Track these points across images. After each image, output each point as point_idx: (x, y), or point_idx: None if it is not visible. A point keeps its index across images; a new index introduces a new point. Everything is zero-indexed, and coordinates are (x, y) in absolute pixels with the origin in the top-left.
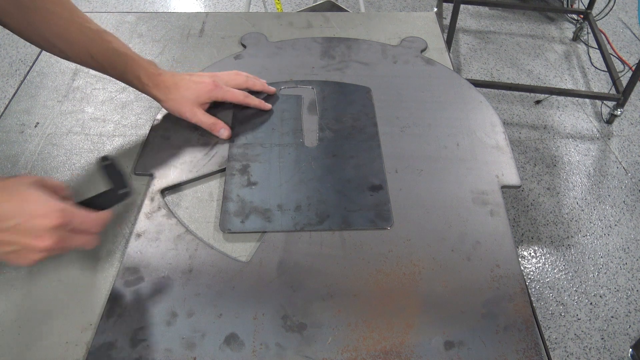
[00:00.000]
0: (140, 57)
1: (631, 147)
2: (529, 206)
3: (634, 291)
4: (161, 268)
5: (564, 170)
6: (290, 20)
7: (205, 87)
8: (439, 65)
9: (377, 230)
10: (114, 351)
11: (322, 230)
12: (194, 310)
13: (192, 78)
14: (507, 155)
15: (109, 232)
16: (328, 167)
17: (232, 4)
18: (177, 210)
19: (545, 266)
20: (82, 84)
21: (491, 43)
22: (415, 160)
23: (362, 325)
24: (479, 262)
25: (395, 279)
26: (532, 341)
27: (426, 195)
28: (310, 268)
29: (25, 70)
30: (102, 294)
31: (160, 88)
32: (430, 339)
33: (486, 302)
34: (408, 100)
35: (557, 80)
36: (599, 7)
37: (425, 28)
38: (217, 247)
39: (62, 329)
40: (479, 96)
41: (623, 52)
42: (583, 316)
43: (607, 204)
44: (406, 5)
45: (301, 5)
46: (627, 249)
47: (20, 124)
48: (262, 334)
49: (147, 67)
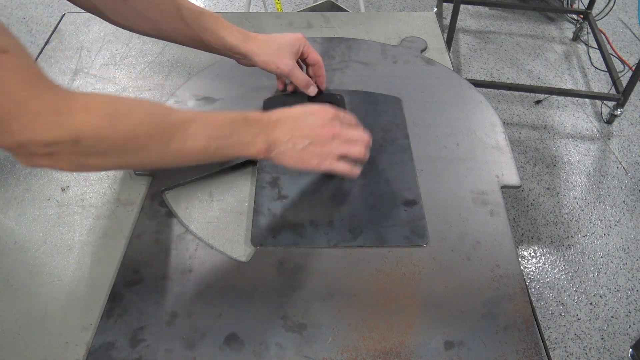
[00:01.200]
0: (223, 19)
1: (631, 147)
2: (529, 206)
3: (634, 291)
4: (161, 268)
5: (564, 170)
6: (290, 20)
7: (297, 40)
8: (439, 65)
9: (412, 248)
10: (114, 351)
11: (356, 247)
12: (194, 310)
13: (282, 35)
14: (507, 155)
15: (109, 232)
16: (359, 180)
17: (232, 4)
18: (177, 210)
19: (545, 266)
20: (82, 84)
21: (491, 43)
22: (415, 160)
23: (362, 325)
24: (479, 262)
25: (395, 279)
26: (532, 341)
27: (426, 195)
28: (310, 268)
29: None
30: (102, 294)
31: (256, 41)
32: (430, 339)
33: (486, 302)
34: (408, 100)
35: (557, 80)
36: (599, 7)
37: (425, 28)
38: (217, 247)
39: (62, 329)
40: (479, 96)
41: (623, 52)
42: (583, 316)
43: (607, 204)
44: (406, 5)
45: (301, 5)
46: (627, 249)
47: None
48: (262, 334)
49: (235, 26)
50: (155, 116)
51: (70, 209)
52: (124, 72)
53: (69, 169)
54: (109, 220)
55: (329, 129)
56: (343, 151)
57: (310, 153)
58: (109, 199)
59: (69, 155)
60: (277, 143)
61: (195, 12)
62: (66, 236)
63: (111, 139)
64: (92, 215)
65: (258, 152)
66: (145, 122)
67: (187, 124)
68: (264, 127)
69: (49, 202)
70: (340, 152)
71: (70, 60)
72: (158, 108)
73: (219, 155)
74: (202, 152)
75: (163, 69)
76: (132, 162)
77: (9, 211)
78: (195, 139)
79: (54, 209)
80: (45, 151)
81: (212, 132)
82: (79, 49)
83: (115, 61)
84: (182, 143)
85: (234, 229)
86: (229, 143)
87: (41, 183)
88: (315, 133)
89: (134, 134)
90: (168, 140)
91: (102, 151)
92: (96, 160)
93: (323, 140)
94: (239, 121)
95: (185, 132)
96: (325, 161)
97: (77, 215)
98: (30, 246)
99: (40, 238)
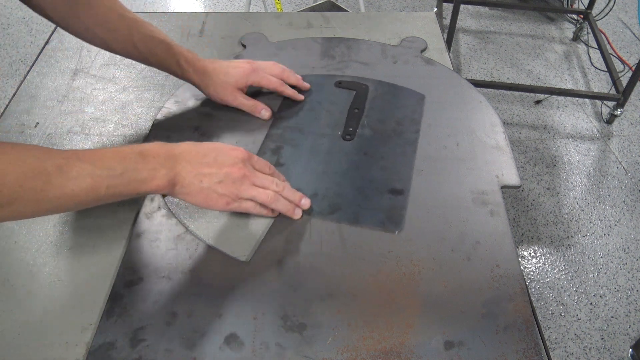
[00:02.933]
0: (179, 45)
1: (631, 147)
2: (529, 206)
3: (634, 291)
4: (161, 268)
5: (564, 170)
6: (290, 20)
7: (244, 72)
8: (439, 65)
9: (382, 232)
10: (114, 351)
11: (330, 221)
12: (194, 310)
13: (230, 64)
14: (507, 155)
15: (109, 232)
16: (356, 163)
17: (232, 4)
18: (177, 210)
19: (545, 266)
20: (82, 84)
21: (491, 43)
22: (415, 160)
23: (362, 325)
24: (479, 262)
25: (395, 279)
26: (532, 341)
27: (426, 195)
28: (310, 268)
29: (25, 70)
30: (102, 294)
31: (200, 73)
32: (430, 339)
33: (486, 302)
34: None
35: (557, 80)
36: (599, 7)
37: (425, 28)
38: (217, 247)
39: (62, 329)
40: (479, 96)
41: (623, 52)
42: (583, 316)
43: (607, 204)
44: (406, 5)
45: (301, 5)
46: (627, 249)
47: (20, 124)
48: (262, 334)
49: (186, 54)
50: (25, 164)
51: None
52: (124, 72)
53: None
54: (109, 220)
55: (239, 168)
56: (252, 194)
57: (217, 193)
58: None
59: None
60: (180, 179)
61: (147, 37)
62: (66, 236)
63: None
64: (92, 215)
65: (157, 187)
66: (10, 171)
67: (68, 166)
68: (164, 161)
69: None
70: (250, 196)
71: (70, 60)
72: (34, 152)
73: (114, 194)
74: (92, 194)
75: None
76: (4, 216)
77: None
78: (79, 181)
79: None
80: None
81: (100, 172)
82: (79, 49)
83: (115, 61)
84: (62, 189)
85: (234, 229)
86: (122, 181)
87: None
88: (224, 171)
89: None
90: (43, 188)
91: None
92: None
93: (232, 179)
94: (132, 156)
95: (65, 176)
96: (234, 202)
97: (77, 215)
98: (30, 246)
99: (40, 238)
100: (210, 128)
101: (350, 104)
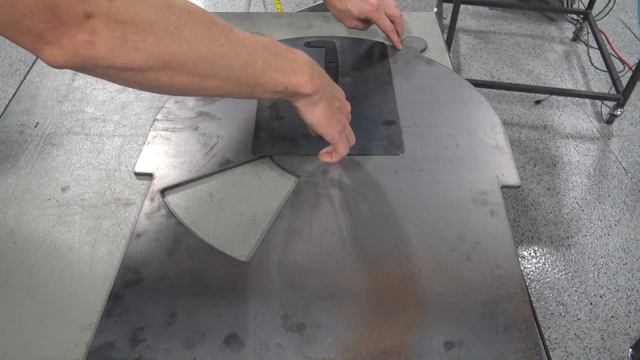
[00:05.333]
0: None
1: (631, 147)
2: (529, 206)
3: (634, 291)
4: (161, 268)
5: (564, 170)
6: (290, 20)
7: (369, 7)
8: (439, 65)
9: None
10: (114, 351)
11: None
12: (194, 310)
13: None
14: (507, 155)
15: (109, 232)
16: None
17: (232, 4)
18: (177, 210)
19: (545, 266)
20: (82, 84)
21: (491, 43)
22: (415, 160)
23: (362, 325)
24: (479, 262)
25: (395, 279)
26: (532, 341)
27: (426, 195)
28: (310, 268)
29: (25, 70)
30: (102, 294)
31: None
32: (430, 339)
33: (486, 302)
34: (408, 100)
35: (557, 80)
36: (599, 7)
37: (425, 28)
38: (217, 247)
39: (62, 329)
40: (479, 96)
41: (623, 52)
42: (583, 316)
43: (607, 204)
44: (406, 5)
45: (301, 5)
46: (627, 249)
47: (20, 124)
48: (262, 334)
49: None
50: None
51: (70, 209)
52: None
53: (111, 59)
54: (109, 220)
55: (348, 105)
56: (346, 133)
57: (338, 118)
58: (109, 199)
59: (106, 21)
60: (321, 90)
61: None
62: (66, 236)
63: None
64: (92, 215)
65: (299, 84)
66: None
67: (233, 29)
68: (312, 70)
69: (49, 202)
70: (345, 133)
71: None
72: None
73: (262, 78)
74: (251, 62)
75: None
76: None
77: (8, 211)
78: (243, 45)
79: (54, 209)
80: (81, 11)
81: (257, 43)
82: None
83: None
84: (230, 43)
85: (234, 229)
86: (276, 61)
87: (41, 183)
88: (343, 102)
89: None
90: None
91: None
92: (142, 44)
93: (346, 112)
94: (284, 47)
95: (232, 32)
96: (343, 133)
97: (77, 215)
98: (30, 246)
99: (40, 238)
100: (210, 128)
101: (324, 59)
